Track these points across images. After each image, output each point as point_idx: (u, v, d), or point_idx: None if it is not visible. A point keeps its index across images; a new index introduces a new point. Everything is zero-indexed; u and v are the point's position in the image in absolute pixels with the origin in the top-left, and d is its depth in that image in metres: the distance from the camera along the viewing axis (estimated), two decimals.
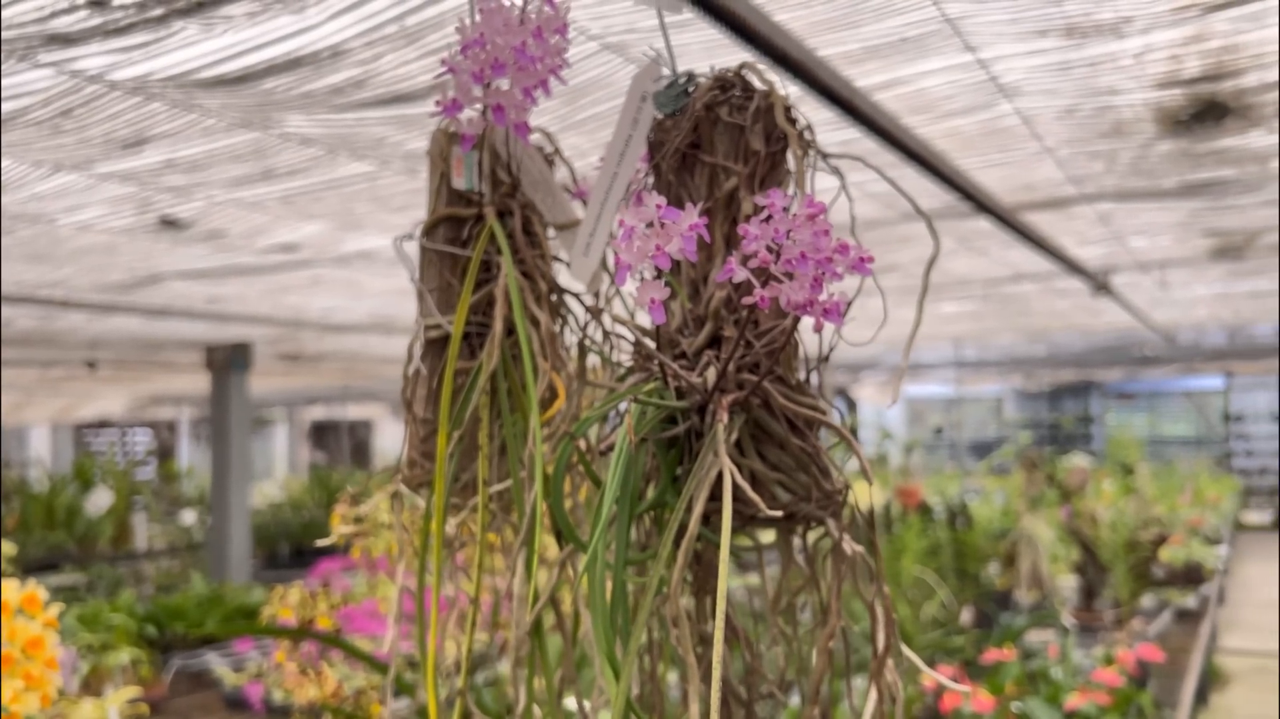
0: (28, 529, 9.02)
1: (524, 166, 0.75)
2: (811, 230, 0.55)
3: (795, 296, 0.56)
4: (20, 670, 1.30)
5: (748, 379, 0.65)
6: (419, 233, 0.79)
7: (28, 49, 1.77)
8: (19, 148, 2.33)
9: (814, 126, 2.26)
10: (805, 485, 0.67)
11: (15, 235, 3.29)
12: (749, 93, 0.69)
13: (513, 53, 0.66)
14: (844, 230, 2.22)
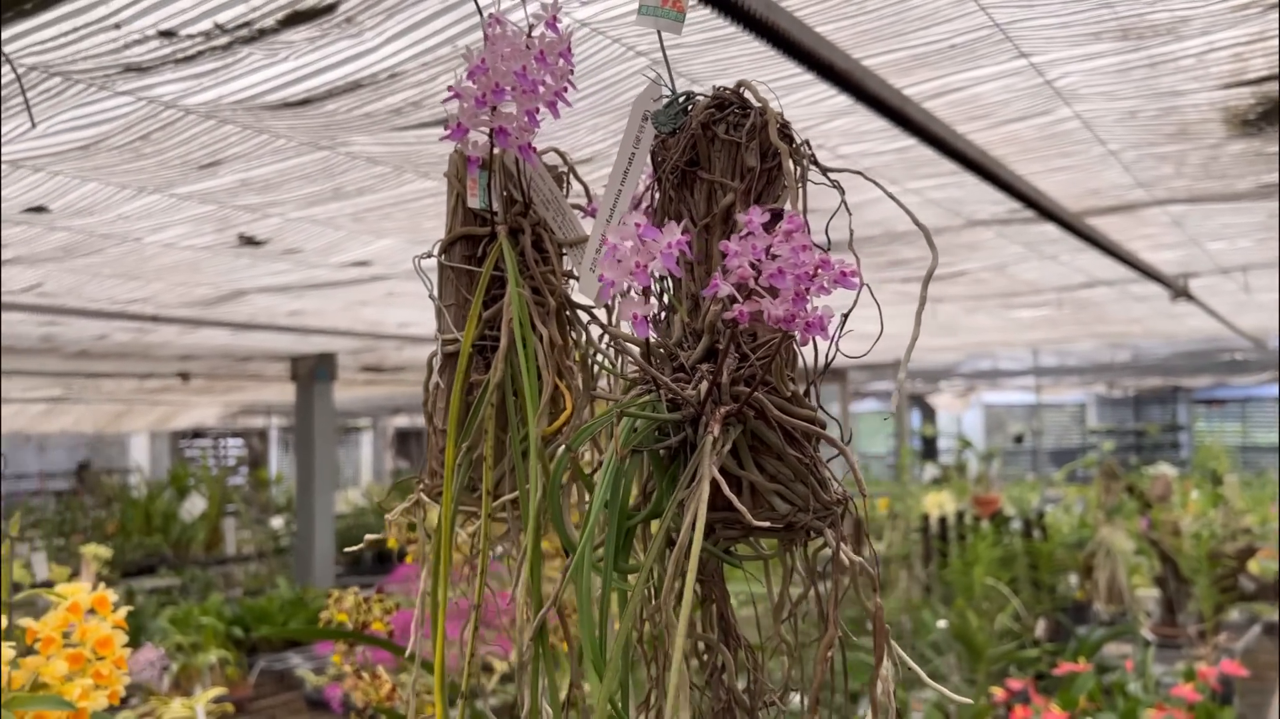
0: (127, 533, 9.36)
1: (535, 186, 0.77)
2: (790, 246, 0.57)
3: (775, 312, 0.58)
4: (90, 669, 1.37)
5: (741, 391, 0.67)
6: (437, 251, 0.82)
7: (106, 78, 1.87)
8: (104, 171, 2.45)
9: (864, 135, 2.24)
10: (804, 496, 0.68)
11: (106, 254, 3.44)
12: (746, 110, 0.71)
13: (514, 77, 0.69)
14: (910, 239, 2.23)
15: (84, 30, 1.66)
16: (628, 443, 0.62)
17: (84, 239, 3.20)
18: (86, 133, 2.16)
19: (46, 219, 2.88)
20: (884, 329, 0.75)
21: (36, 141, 2.23)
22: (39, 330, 5.35)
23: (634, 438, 0.63)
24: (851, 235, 0.77)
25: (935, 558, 5.09)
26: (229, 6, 1.58)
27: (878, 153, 2.47)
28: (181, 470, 10.86)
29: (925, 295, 0.69)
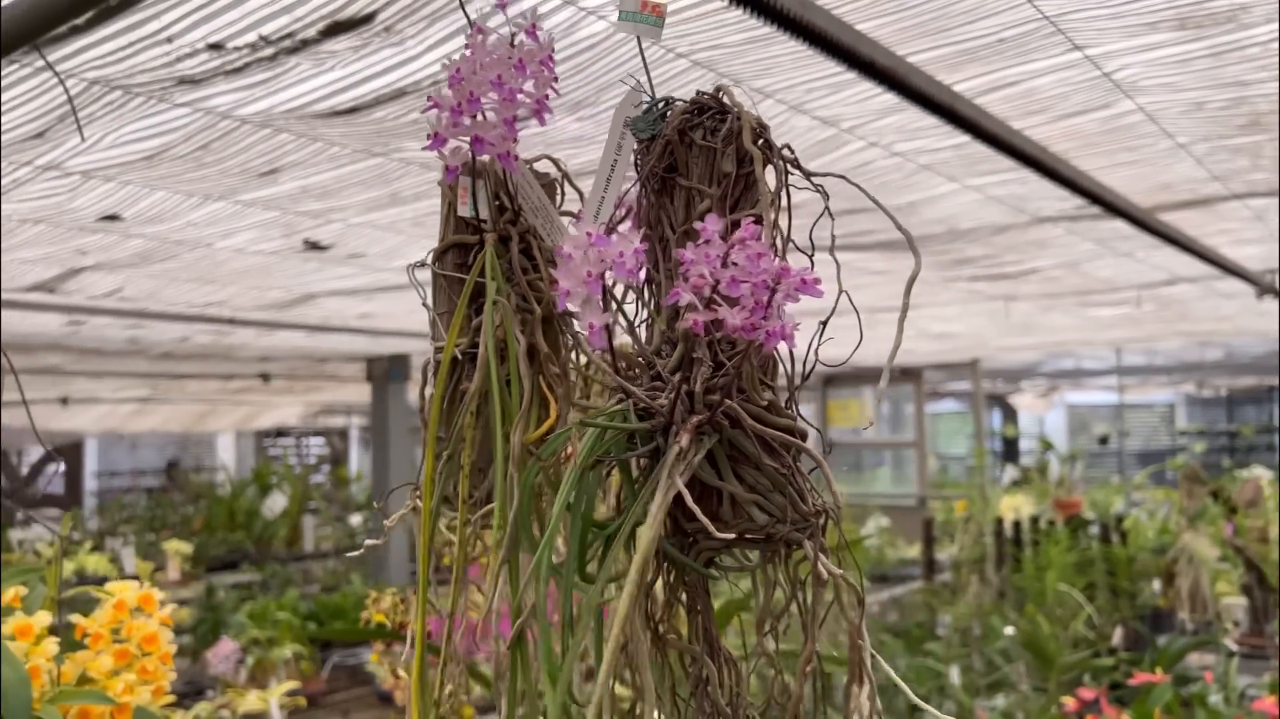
0: (211, 529, 9.64)
1: (523, 193, 0.77)
2: (746, 254, 0.56)
3: (733, 321, 0.57)
4: (136, 665, 1.41)
5: (715, 400, 0.66)
6: (430, 259, 0.83)
7: (163, 90, 1.92)
8: (170, 180, 2.52)
9: (918, 132, 2.20)
10: (782, 507, 0.67)
11: (180, 259, 3.55)
12: (725, 116, 0.70)
13: (491, 86, 0.69)
14: (975, 236, 2.18)
15: (138, 45, 1.71)
16: (593, 452, 0.61)
17: (158, 245, 3.30)
18: (150, 143, 2.23)
19: (121, 227, 2.99)
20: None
21: (105, 153, 2.31)
22: (125, 333, 5.54)
23: (600, 447, 0.62)
24: (833, 241, 0.76)
25: (1009, 562, 4.97)
26: (272, 19, 1.61)
27: (933, 149, 2.42)
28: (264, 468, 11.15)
29: (907, 302, 0.67)
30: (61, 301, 4.21)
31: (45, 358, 6.20)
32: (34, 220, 2.90)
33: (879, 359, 2.12)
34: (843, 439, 9.50)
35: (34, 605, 1.34)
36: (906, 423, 9.31)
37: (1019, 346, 7.66)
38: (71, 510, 6.45)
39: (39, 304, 4.23)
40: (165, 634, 1.46)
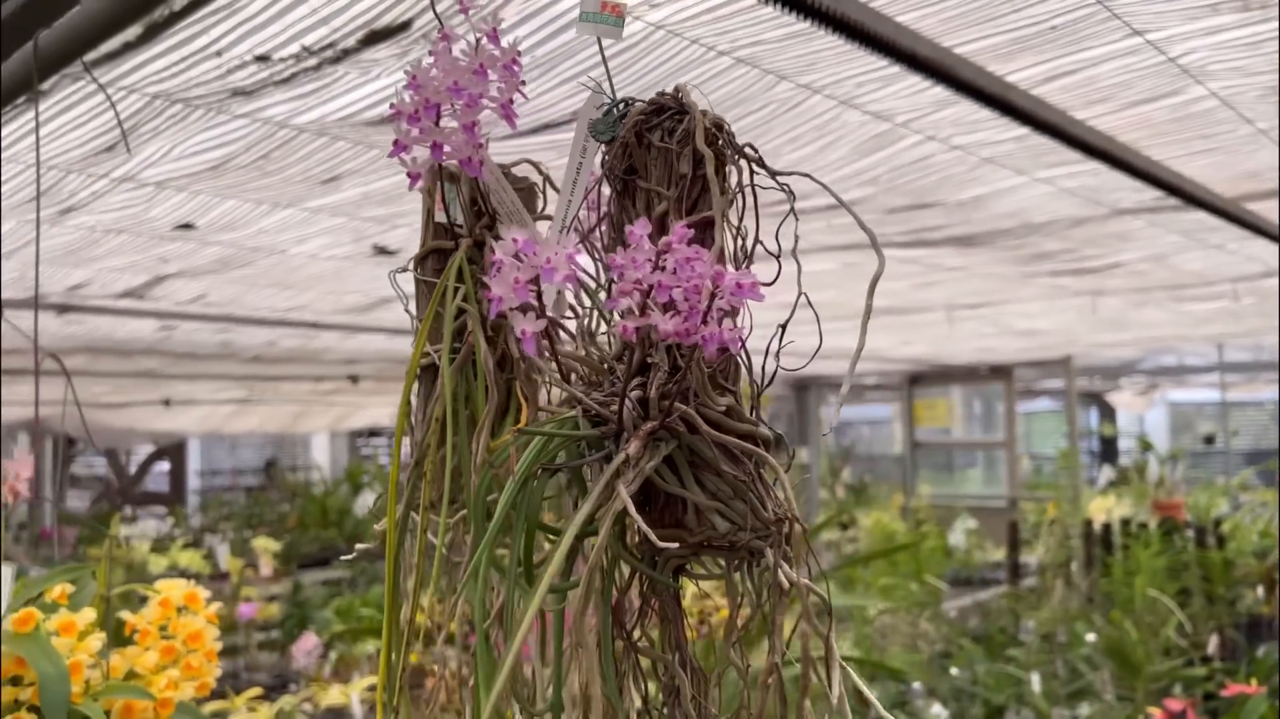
0: (304, 527, 9.91)
1: (496, 198, 0.77)
2: (675, 259, 0.55)
3: (665, 326, 0.55)
4: (182, 661, 1.45)
5: (674, 406, 0.64)
6: (411, 265, 0.83)
7: (219, 102, 1.98)
8: (237, 189, 2.60)
9: (977, 125, 2.13)
10: (743, 514, 0.65)
11: (257, 266, 3.66)
12: (683, 116, 0.68)
13: (448, 92, 0.69)
14: (1051, 230, 2.12)
15: (190, 59, 1.77)
16: (537, 460, 0.61)
17: (235, 252, 3.41)
18: (214, 154, 2.30)
19: (198, 235, 3.09)
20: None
21: (175, 164, 2.39)
22: (215, 337, 5.74)
23: (545, 455, 0.61)
24: (796, 242, 0.73)
25: (1097, 566, 4.81)
26: (312, 29, 1.65)
27: (995, 142, 2.35)
28: (356, 468, 11.43)
29: (870, 304, 0.65)
30: (151, 307, 4.38)
31: (143, 362, 6.45)
32: (116, 230, 3.02)
33: (967, 357, 2.09)
34: (930, 439, 9.32)
35: (82, 603, 1.39)
36: (998, 422, 9.08)
37: (1114, 343, 7.40)
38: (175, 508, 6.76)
39: (131, 310, 4.41)
40: (210, 632, 1.50)
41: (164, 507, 10.94)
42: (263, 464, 12.62)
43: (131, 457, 11.80)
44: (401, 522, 0.71)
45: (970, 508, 7.99)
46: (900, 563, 4.58)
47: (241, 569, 5.38)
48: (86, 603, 1.39)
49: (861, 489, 9.34)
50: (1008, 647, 4.23)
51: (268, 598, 5.93)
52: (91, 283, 3.84)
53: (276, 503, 10.72)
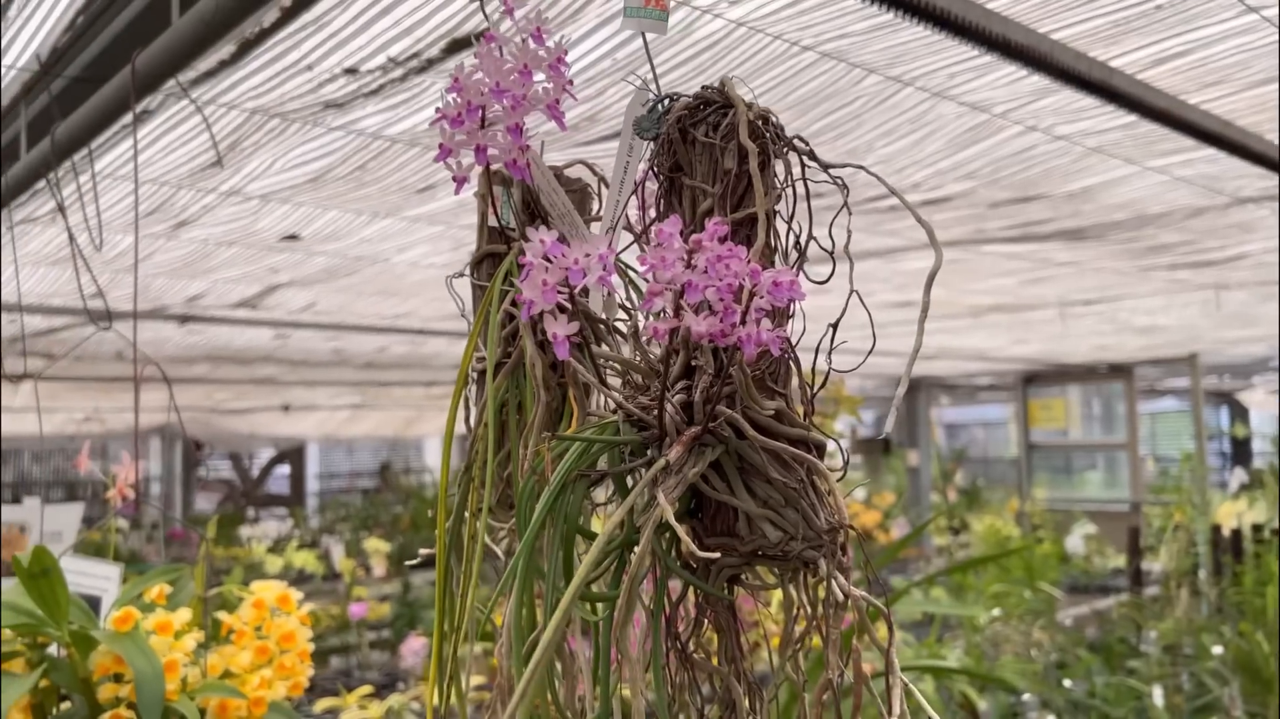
0: (417, 528, 10.11)
1: (548, 200, 0.76)
2: (706, 257, 0.53)
3: (698, 328, 0.53)
4: (275, 661, 1.49)
5: (720, 410, 0.62)
6: (468, 269, 0.83)
7: (314, 115, 2.03)
8: (337, 200, 2.67)
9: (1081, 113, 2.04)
10: (794, 522, 0.63)
11: (362, 274, 3.75)
12: (728, 110, 0.66)
13: (491, 94, 0.68)
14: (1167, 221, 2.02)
15: (283, 74, 1.82)
16: (575, 466, 0.59)
17: (341, 262, 3.50)
18: (313, 166, 2.36)
19: (304, 245, 3.18)
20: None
21: (277, 177, 2.46)
22: (328, 345, 5.91)
23: (584, 460, 0.60)
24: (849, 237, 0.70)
25: (1226, 575, 4.56)
26: (396, 40, 1.67)
27: (1101, 131, 2.25)
28: None
29: (927, 301, 0.61)
30: (265, 317, 4.54)
31: (261, 369, 6.69)
32: (228, 243, 3.13)
33: (1084, 355, 2.01)
34: (1047, 440, 9.00)
35: (180, 603, 1.43)
36: (1119, 423, 8.72)
37: (1243, 339, 7.02)
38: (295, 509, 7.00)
39: (246, 319, 4.58)
40: (303, 632, 1.54)
41: (285, 508, 11.34)
42: (378, 467, 12.97)
43: (254, 460, 12.27)
44: (452, 528, 0.70)
45: (1089, 512, 7.69)
46: (1012, 569, 4.43)
47: (353, 569, 5.53)
48: (184, 603, 1.44)
49: (974, 493, 9.09)
50: (1128, 658, 4.04)
51: (379, 598, 6.08)
52: (208, 294, 3.99)
53: (391, 505, 11.00)
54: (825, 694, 0.62)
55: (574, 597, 0.52)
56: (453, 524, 0.71)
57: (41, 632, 1.31)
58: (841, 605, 0.62)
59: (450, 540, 0.71)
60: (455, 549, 0.71)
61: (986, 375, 9.38)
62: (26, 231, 2.89)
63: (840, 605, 0.62)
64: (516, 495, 0.64)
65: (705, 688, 0.72)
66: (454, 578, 0.72)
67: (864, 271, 3.84)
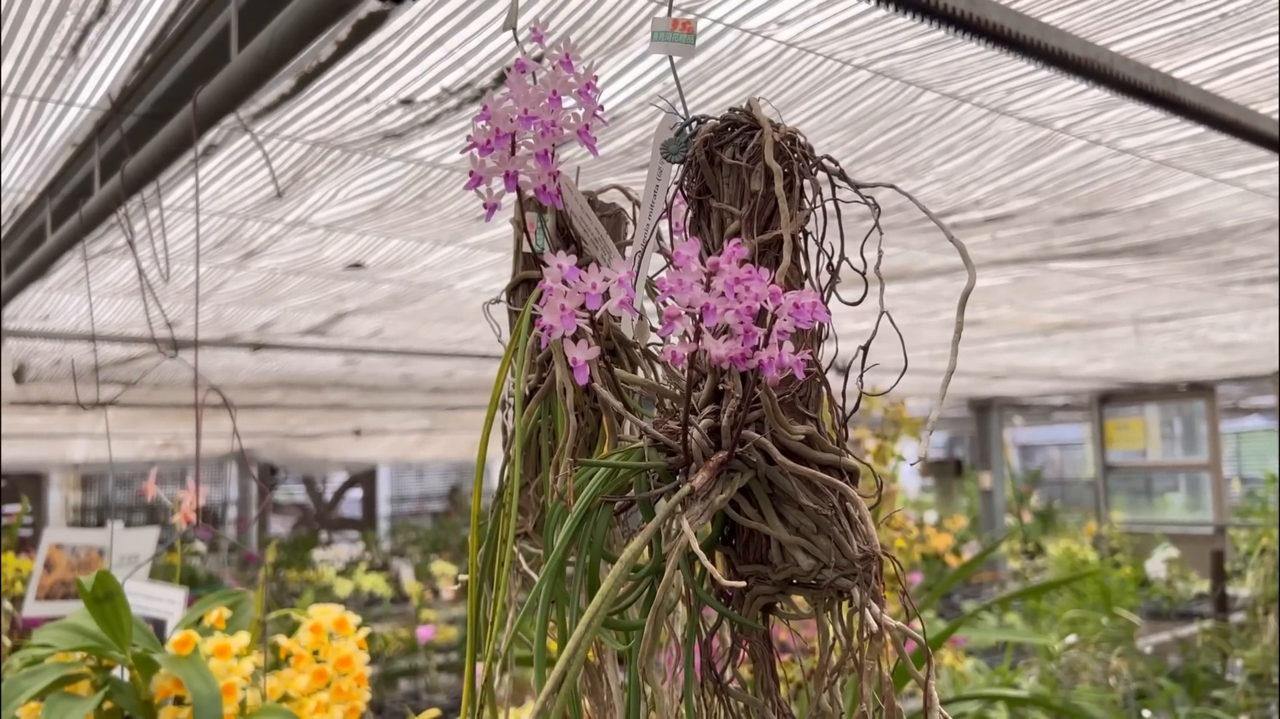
0: None
1: (581, 225, 0.76)
2: (724, 280, 0.52)
3: (718, 351, 0.53)
4: (333, 685, 1.50)
5: (749, 435, 0.61)
6: (504, 296, 0.83)
7: (373, 146, 2.07)
8: (399, 229, 2.71)
9: (1146, 126, 2.00)
10: (826, 550, 0.62)
11: (427, 301, 3.81)
12: (755, 132, 0.65)
13: (519, 121, 0.68)
14: (1242, 235, 1.97)
15: (342, 106, 1.85)
16: (600, 491, 0.59)
17: (405, 289, 3.56)
18: (374, 196, 2.41)
19: (369, 274, 3.24)
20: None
21: (340, 207, 2.52)
22: (396, 370, 6.01)
23: (610, 486, 0.59)
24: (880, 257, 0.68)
25: None
26: (449, 71, 1.70)
27: (1168, 143, 2.19)
28: None
29: (961, 321, 0.60)
30: (334, 343, 4.63)
31: (332, 395, 6.82)
32: (295, 271, 3.20)
33: (1162, 374, 1.95)
34: (1124, 461, 8.75)
35: (239, 626, 1.46)
36: (1200, 443, 8.44)
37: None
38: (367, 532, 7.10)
39: (316, 346, 4.67)
40: (360, 657, 1.55)
41: (357, 531, 11.52)
42: (447, 490, 13.11)
43: (327, 484, 12.49)
44: (485, 554, 0.70)
45: (1170, 535, 7.44)
46: (1089, 594, 4.30)
47: (421, 592, 5.58)
48: (243, 627, 1.46)
49: (1049, 515, 8.86)
50: (1213, 688, 3.90)
51: (447, 620, 6.13)
52: (278, 321, 4.09)
53: (460, 527, 11.11)
54: None
55: (590, 621, 0.51)
56: (485, 550, 0.71)
57: (106, 654, 1.34)
58: (876, 635, 0.61)
59: (483, 567, 0.71)
60: (488, 575, 0.71)
61: (1060, 395, 9.17)
62: (104, 264, 2.99)
63: (875, 635, 0.61)
64: (544, 521, 0.63)
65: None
66: (486, 604, 0.71)
67: (929, 291, 3.78)
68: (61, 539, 2.64)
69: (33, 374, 5.19)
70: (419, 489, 13.43)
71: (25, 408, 6.50)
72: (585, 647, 0.53)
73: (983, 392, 8.68)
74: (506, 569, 0.66)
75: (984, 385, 8.06)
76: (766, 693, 0.68)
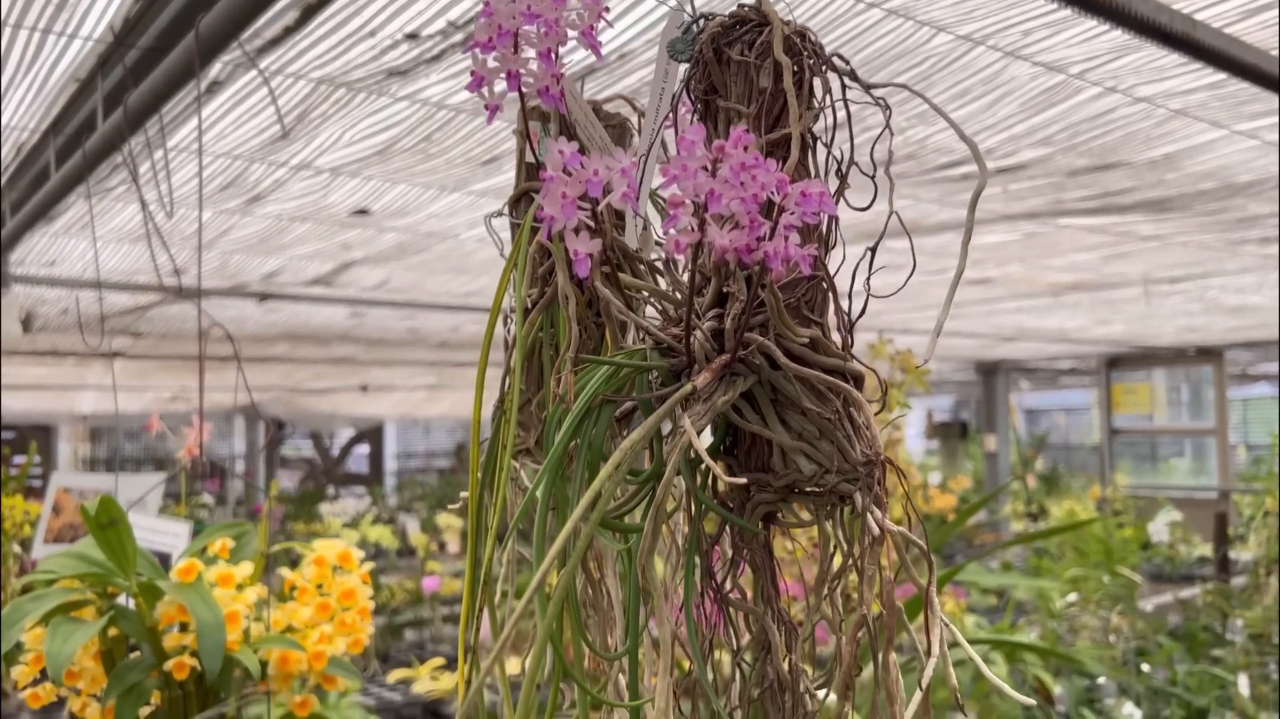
0: None
1: (584, 132, 0.75)
2: (730, 165, 0.51)
3: (721, 241, 0.52)
4: (336, 618, 1.51)
5: (752, 338, 0.60)
6: (506, 209, 0.82)
7: (378, 84, 2.05)
8: (404, 174, 2.69)
9: (1163, 72, 1.96)
10: (829, 455, 0.61)
11: (433, 251, 3.79)
12: (763, 28, 0.64)
13: (522, 18, 0.67)
14: (1257, 191, 1.95)
15: (347, 41, 1.83)
16: (600, 391, 0.58)
17: (411, 238, 3.54)
18: (379, 138, 2.39)
19: (374, 221, 3.22)
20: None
21: (346, 149, 2.49)
22: (403, 324, 6.00)
23: (610, 385, 0.59)
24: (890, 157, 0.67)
25: None
26: (456, 3, 1.68)
27: (1185, 91, 2.16)
28: None
29: (971, 222, 0.59)
30: (340, 294, 4.62)
31: (339, 348, 6.82)
32: (301, 218, 3.19)
33: (1170, 338, 1.93)
34: (1131, 425, 8.74)
35: (242, 558, 1.46)
36: (1207, 408, 8.42)
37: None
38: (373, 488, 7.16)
39: (322, 297, 4.66)
40: (364, 591, 1.55)
41: (363, 487, 11.58)
42: (453, 448, 13.17)
43: (334, 439, 12.55)
44: (485, 464, 0.70)
45: (1174, 500, 7.45)
46: (1091, 553, 4.32)
47: (427, 544, 5.62)
48: (247, 558, 1.47)
49: (1054, 479, 8.87)
50: (1213, 646, 3.91)
51: (453, 574, 6.17)
52: (284, 270, 4.08)
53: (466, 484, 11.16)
54: (860, 632, 0.60)
55: (584, 512, 0.51)
56: (486, 460, 0.70)
57: (110, 582, 1.35)
58: (878, 540, 0.60)
59: (484, 476, 0.70)
60: (488, 486, 0.71)
61: (1068, 359, 9.14)
62: (109, 208, 2.98)
63: (877, 540, 0.60)
64: (545, 427, 0.63)
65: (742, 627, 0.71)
66: (487, 512, 0.71)
67: (938, 247, 3.75)
68: (70, 483, 2.64)
69: (40, 323, 5.19)
70: (425, 446, 13.49)
71: (33, 358, 6.51)
72: (586, 540, 0.53)
73: (990, 354, 8.66)
74: (506, 471, 0.65)
75: (991, 348, 8.04)
76: (766, 602, 0.67)
